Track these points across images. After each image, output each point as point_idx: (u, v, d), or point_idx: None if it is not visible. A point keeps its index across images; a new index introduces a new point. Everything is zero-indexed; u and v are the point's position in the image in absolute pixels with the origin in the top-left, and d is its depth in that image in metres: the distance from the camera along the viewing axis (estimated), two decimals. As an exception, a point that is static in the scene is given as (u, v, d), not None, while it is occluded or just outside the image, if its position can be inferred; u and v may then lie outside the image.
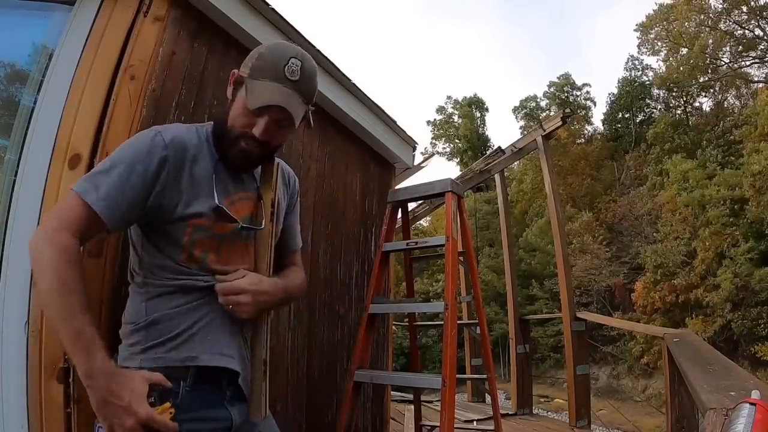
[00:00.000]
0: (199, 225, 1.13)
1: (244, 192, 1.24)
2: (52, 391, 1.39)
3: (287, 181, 1.44)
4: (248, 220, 1.23)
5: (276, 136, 1.18)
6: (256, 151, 1.17)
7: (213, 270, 1.16)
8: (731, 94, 27.05)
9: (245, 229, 1.19)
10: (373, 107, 3.19)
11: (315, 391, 2.63)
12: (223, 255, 1.18)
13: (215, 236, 1.15)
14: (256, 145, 1.16)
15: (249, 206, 1.24)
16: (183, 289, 1.14)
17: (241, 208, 1.21)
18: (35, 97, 1.66)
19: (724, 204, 18.74)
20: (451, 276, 2.68)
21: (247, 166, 1.23)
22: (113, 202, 1.04)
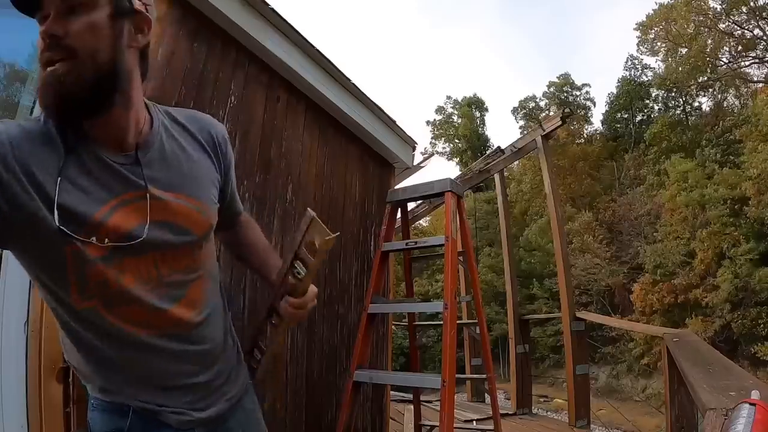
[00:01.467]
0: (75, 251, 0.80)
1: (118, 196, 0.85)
2: (52, 390, 1.40)
3: (200, 139, 1.02)
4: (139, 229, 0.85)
5: (72, 26, 0.76)
6: (62, 68, 0.75)
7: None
8: (731, 94, 27.05)
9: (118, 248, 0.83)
10: (373, 107, 3.19)
11: (314, 391, 2.63)
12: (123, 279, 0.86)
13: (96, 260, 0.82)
14: (55, 56, 0.76)
15: (134, 210, 0.86)
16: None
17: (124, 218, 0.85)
18: (35, 97, 1.66)
19: (723, 204, 18.75)
20: (451, 276, 2.68)
21: (64, 97, 0.77)
22: None
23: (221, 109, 2.16)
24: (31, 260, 0.83)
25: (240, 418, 1.10)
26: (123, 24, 0.82)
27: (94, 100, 0.80)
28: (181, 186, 0.94)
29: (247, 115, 2.32)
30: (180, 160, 0.95)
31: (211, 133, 1.05)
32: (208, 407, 1.01)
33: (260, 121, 2.40)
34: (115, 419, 0.93)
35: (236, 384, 1.10)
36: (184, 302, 0.95)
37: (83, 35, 0.77)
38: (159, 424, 0.95)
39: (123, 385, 0.94)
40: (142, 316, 0.89)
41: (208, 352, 1.01)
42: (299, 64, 2.54)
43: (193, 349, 0.98)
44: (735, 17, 24.65)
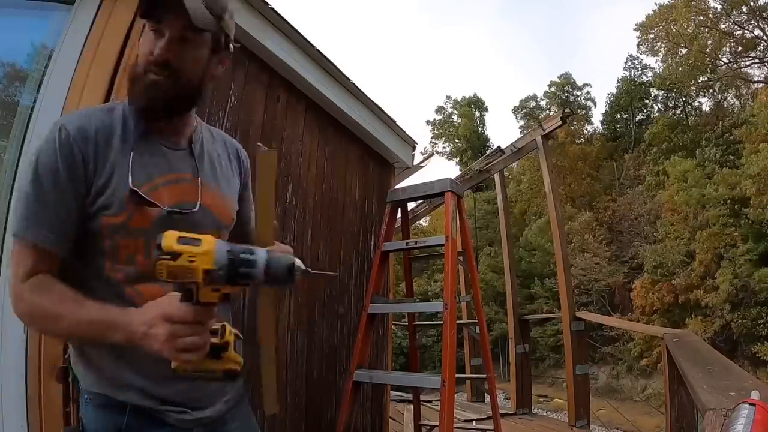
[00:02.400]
0: (112, 224, 0.93)
1: (174, 173, 1.02)
2: (52, 390, 1.40)
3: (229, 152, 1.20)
4: (186, 205, 1.00)
5: (182, 54, 0.96)
6: (164, 82, 0.95)
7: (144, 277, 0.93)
8: (731, 94, 27.05)
9: (173, 213, 0.96)
10: (373, 107, 3.19)
11: (314, 391, 2.63)
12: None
13: (135, 232, 0.94)
14: (161, 72, 0.95)
15: (183, 189, 1.01)
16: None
17: (170, 193, 0.99)
18: (35, 96, 1.66)
19: (723, 204, 18.76)
20: (450, 276, 2.68)
21: (156, 102, 0.97)
22: (54, 230, 0.90)
23: (221, 109, 2.16)
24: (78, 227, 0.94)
25: (239, 423, 1.11)
26: (216, 59, 1.06)
27: (176, 108, 1.02)
28: (218, 181, 1.11)
29: (247, 114, 2.32)
30: (217, 162, 1.13)
31: (237, 149, 1.23)
32: (207, 406, 1.01)
33: (260, 121, 2.39)
34: (112, 416, 0.93)
35: (234, 386, 1.09)
36: None
37: (189, 64, 0.98)
38: (158, 423, 0.94)
39: (124, 371, 0.93)
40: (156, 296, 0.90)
41: None
42: (299, 63, 2.54)
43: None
44: (735, 17, 24.64)
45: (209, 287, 0.76)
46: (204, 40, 0.98)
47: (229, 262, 0.75)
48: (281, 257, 0.79)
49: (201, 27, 0.94)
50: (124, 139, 0.97)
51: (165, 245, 0.73)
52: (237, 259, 0.76)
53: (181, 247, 0.73)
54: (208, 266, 0.74)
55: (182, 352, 0.78)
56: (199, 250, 0.74)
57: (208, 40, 0.99)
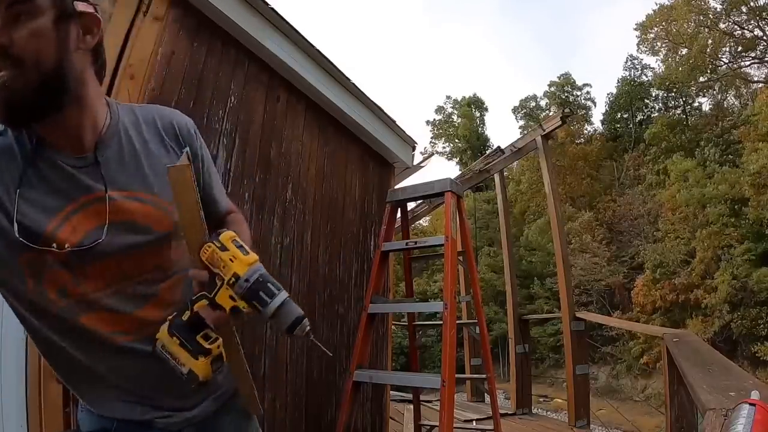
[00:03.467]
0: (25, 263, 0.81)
1: (81, 196, 0.85)
2: (51, 391, 1.40)
3: (162, 135, 0.99)
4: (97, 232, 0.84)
5: (17, 35, 0.74)
6: (10, 77, 0.74)
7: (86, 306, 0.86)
8: (731, 94, 27.06)
9: (74, 251, 0.82)
10: (373, 107, 3.19)
11: (314, 391, 2.63)
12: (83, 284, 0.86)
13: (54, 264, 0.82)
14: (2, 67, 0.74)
15: (98, 211, 0.85)
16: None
17: (83, 221, 0.84)
18: None
19: (723, 203, 18.77)
20: (450, 276, 2.68)
21: (15, 105, 0.76)
22: None
23: (221, 109, 2.16)
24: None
25: (232, 417, 1.08)
26: (69, 27, 0.81)
27: (42, 103, 0.79)
28: (142, 183, 0.92)
29: (247, 114, 2.32)
30: (140, 157, 0.93)
31: (173, 124, 1.01)
32: (194, 406, 1.00)
33: (260, 121, 2.39)
34: (102, 421, 0.95)
35: (224, 382, 1.06)
36: (156, 303, 0.92)
37: (28, 43, 0.75)
38: (146, 427, 0.95)
39: (103, 401, 0.94)
40: (109, 322, 0.87)
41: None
42: (299, 63, 2.54)
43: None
44: (735, 17, 24.64)
45: (228, 292, 0.80)
46: (41, 6, 0.76)
47: (256, 282, 0.79)
48: (296, 309, 0.81)
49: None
50: (9, 168, 0.80)
51: (222, 238, 0.81)
52: (263, 284, 0.79)
53: (231, 246, 0.81)
54: (240, 271, 0.79)
55: None
56: (241, 257, 0.80)
57: (43, 5, 0.77)
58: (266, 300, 0.78)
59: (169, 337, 0.83)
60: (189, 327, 0.83)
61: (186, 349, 0.82)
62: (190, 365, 0.82)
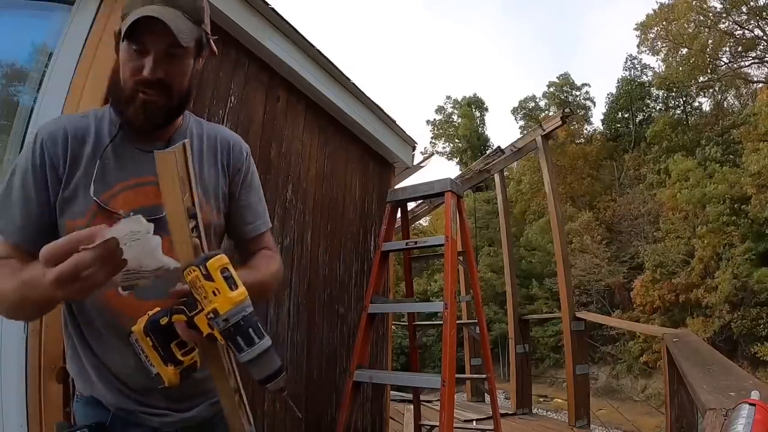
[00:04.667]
0: (76, 228, 0.84)
1: (138, 177, 0.98)
2: (51, 390, 1.39)
3: (218, 148, 1.13)
4: (150, 210, 0.91)
5: (171, 70, 0.95)
6: (158, 99, 0.95)
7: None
8: (731, 94, 27.05)
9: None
10: (373, 107, 3.19)
11: (314, 391, 2.63)
12: None
13: None
14: (154, 91, 0.94)
15: (145, 193, 0.98)
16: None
17: (128, 198, 0.97)
18: (35, 96, 1.66)
19: (723, 203, 18.76)
20: (450, 276, 2.69)
21: (154, 120, 0.98)
22: (26, 229, 0.92)
23: (221, 109, 2.16)
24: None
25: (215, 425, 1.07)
26: (199, 59, 1.03)
27: (172, 119, 1.02)
28: (197, 183, 1.00)
29: (247, 114, 2.32)
30: (197, 161, 1.06)
31: (230, 142, 1.15)
32: (191, 408, 1.01)
33: (260, 121, 2.39)
34: (98, 412, 0.96)
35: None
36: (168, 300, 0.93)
37: (179, 77, 0.97)
38: (141, 424, 0.97)
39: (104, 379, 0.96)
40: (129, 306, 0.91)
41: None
42: (299, 63, 2.54)
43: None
44: (735, 17, 24.64)
45: (207, 321, 0.75)
46: (190, 49, 0.97)
47: (235, 325, 0.74)
48: (274, 362, 0.78)
49: (186, 43, 0.92)
50: (97, 145, 0.98)
51: (209, 265, 0.74)
52: (243, 329, 0.74)
53: (218, 277, 0.74)
54: (221, 309, 0.73)
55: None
56: (226, 293, 0.74)
57: (191, 50, 0.98)
58: (243, 347, 0.74)
59: (143, 336, 0.81)
60: (164, 333, 0.80)
61: (158, 353, 0.81)
62: (158, 369, 0.81)
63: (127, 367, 0.94)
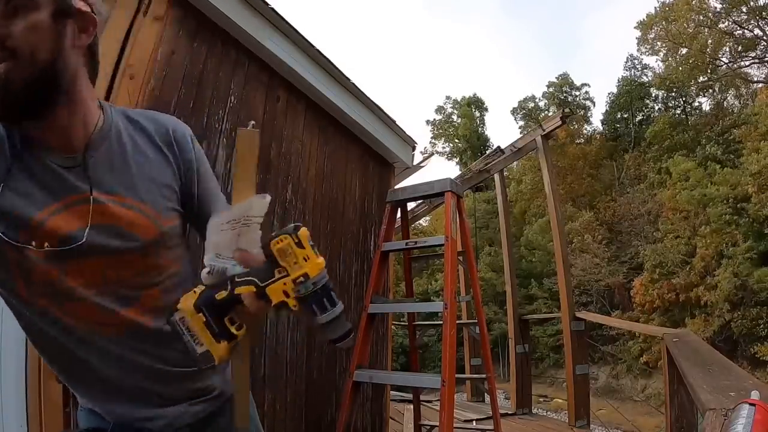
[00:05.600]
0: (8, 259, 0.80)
1: (63, 198, 0.83)
2: (51, 391, 1.40)
3: (158, 136, 0.97)
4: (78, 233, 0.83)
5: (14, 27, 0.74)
6: (4, 68, 0.73)
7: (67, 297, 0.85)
8: (731, 94, 27.05)
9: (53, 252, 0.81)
10: (373, 107, 3.19)
11: (314, 391, 2.63)
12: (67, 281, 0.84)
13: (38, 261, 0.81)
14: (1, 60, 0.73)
15: (79, 213, 0.84)
16: None
17: (60, 223, 0.82)
18: None
19: (724, 202, 18.76)
20: (450, 276, 2.69)
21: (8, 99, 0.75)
22: None
23: (221, 109, 2.16)
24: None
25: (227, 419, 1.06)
26: (65, 24, 0.80)
27: (35, 99, 0.78)
28: (130, 189, 0.89)
29: (247, 114, 2.32)
30: (130, 162, 0.91)
31: (168, 131, 0.98)
32: (187, 406, 1.00)
33: (260, 121, 2.40)
34: (99, 420, 0.96)
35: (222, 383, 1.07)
36: (138, 307, 0.91)
37: (24, 36, 0.75)
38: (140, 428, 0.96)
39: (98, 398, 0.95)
40: (93, 315, 0.86)
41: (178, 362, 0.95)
42: (299, 63, 2.54)
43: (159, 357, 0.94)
44: (735, 17, 24.64)
45: (284, 287, 0.77)
46: (35, 3, 0.76)
47: (323, 287, 0.78)
48: (347, 323, 0.83)
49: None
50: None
51: (300, 233, 0.78)
52: (328, 291, 0.79)
53: (308, 245, 0.78)
54: (312, 273, 0.77)
55: None
56: (314, 259, 0.78)
57: (43, 2, 0.77)
58: (326, 307, 0.79)
59: (194, 312, 0.76)
60: (219, 308, 0.77)
61: (210, 329, 0.76)
62: (208, 346, 0.77)
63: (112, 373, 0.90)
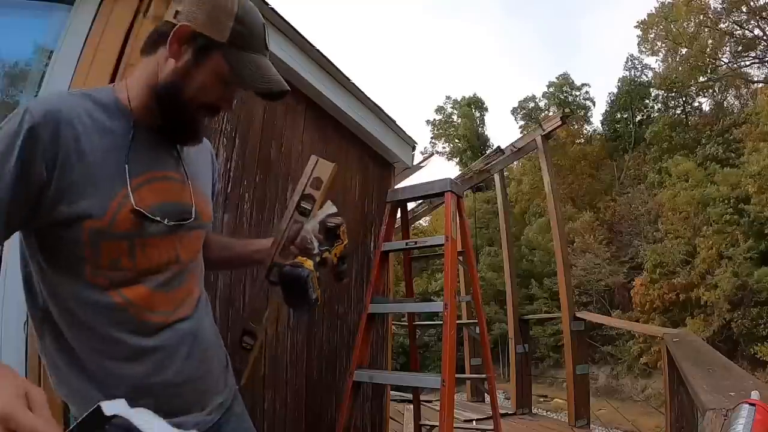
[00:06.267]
0: (94, 228, 0.84)
1: (160, 170, 0.95)
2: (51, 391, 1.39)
3: (207, 155, 1.18)
4: (172, 207, 0.94)
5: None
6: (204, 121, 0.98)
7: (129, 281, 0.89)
8: (731, 94, 27.05)
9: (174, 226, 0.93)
10: (373, 107, 3.19)
11: (314, 391, 2.63)
12: (140, 257, 0.90)
13: (118, 236, 0.87)
14: (209, 115, 0.98)
15: (171, 189, 0.96)
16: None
17: (154, 192, 0.92)
18: (35, 96, 1.66)
19: (725, 202, 18.75)
20: (450, 276, 2.68)
21: (197, 139, 1.01)
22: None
23: (221, 109, 2.15)
24: (49, 240, 0.86)
25: (233, 426, 1.08)
26: None
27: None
28: (200, 179, 1.06)
29: (247, 114, 2.32)
30: (194, 158, 1.07)
31: (209, 148, 1.20)
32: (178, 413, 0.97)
33: (260, 121, 2.39)
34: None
35: (225, 390, 1.08)
36: (184, 288, 0.98)
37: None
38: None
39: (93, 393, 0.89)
40: (144, 297, 0.90)
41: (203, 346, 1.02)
42: (299, 64, 2.54)
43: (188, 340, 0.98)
44: (735, 17, 24.63)
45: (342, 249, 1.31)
46: None
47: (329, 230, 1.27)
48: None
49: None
50: (107, 134, 0.88)
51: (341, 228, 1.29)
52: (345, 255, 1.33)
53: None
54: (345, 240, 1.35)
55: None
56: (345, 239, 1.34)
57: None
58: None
59: (315, 271, 1.12)
60: (319, 264, 1.17)
61: (318, 281, 1.13)
62: (317, 293, 1.12)
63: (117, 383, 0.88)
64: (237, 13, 0.90)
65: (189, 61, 0.90)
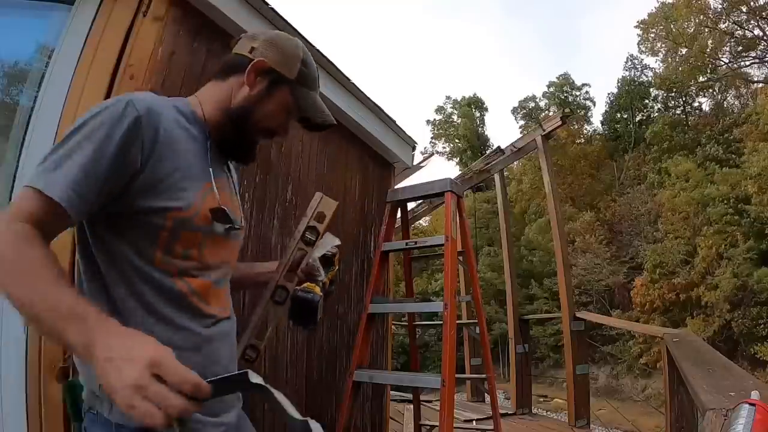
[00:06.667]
0: (179, 217, 0.93)
1: (222, 179, 1.08)
2: (52, 390, 1.39)
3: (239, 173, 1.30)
4: (231, 214, 1.03)
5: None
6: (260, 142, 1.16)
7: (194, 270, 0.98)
8: (731, 94, 27.04)
9: (231, 229, 1.04)
10: (373, 107, 3.19)
11: (314, 391, 2.63)
12: (206, 252, 1.00)
13: (196, 228, 0.97)
14: (266, 138, 1.15)
15: (230, 198, 1.09)
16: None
17: (223, 197, 1.03)
18: (35, 96, 1.66)
19: (725, 202, 18.74)
20: (450, 276, 2.69)
21: (252, 158, 1.15)
22: (80, 192, 0.82)
23: (221, 109, 2.15)
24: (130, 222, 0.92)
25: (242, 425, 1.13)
26: None
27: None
28: (237, 195, 1.17)
29: (247, 114, 2.32)
30: (235, 177, 1.19)
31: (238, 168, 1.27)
32: (221, 413, 1.02)
33: (260, 121, 2.39)
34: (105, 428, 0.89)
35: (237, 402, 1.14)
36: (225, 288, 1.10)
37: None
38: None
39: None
40: (204, 288, 1.00)
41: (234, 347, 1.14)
42: (299, 63, 2.53)
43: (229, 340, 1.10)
44: (735, 17, 24.63)
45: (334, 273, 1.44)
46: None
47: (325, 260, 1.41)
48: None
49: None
50: (193, 139, 1.01)
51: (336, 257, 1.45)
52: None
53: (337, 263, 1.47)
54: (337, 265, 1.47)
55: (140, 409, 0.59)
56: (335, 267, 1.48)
57: None
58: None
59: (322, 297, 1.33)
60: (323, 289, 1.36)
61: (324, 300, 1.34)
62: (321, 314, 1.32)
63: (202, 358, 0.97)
64: (303, 58, 1.16)
65: (262, 90, 1.07)
